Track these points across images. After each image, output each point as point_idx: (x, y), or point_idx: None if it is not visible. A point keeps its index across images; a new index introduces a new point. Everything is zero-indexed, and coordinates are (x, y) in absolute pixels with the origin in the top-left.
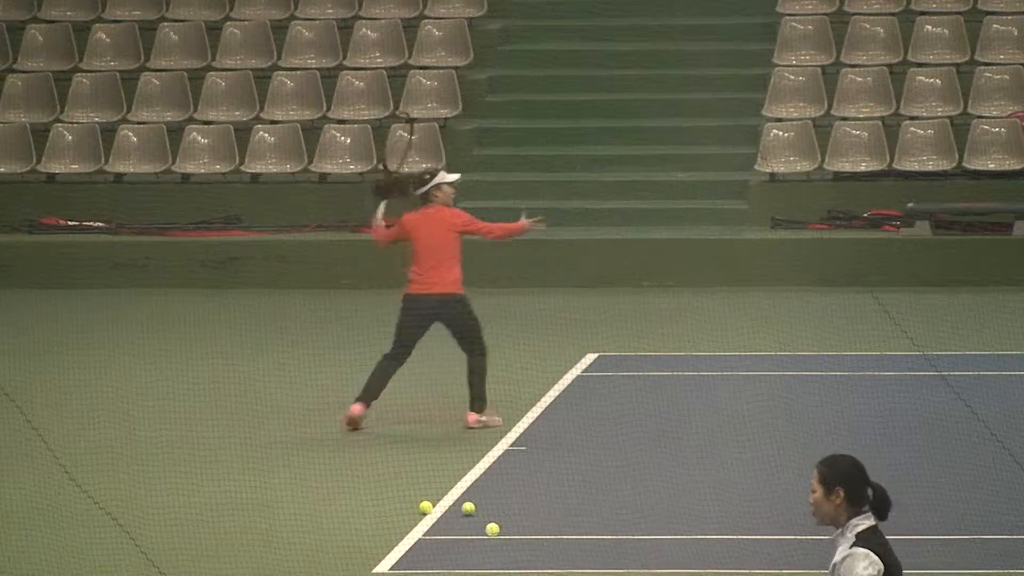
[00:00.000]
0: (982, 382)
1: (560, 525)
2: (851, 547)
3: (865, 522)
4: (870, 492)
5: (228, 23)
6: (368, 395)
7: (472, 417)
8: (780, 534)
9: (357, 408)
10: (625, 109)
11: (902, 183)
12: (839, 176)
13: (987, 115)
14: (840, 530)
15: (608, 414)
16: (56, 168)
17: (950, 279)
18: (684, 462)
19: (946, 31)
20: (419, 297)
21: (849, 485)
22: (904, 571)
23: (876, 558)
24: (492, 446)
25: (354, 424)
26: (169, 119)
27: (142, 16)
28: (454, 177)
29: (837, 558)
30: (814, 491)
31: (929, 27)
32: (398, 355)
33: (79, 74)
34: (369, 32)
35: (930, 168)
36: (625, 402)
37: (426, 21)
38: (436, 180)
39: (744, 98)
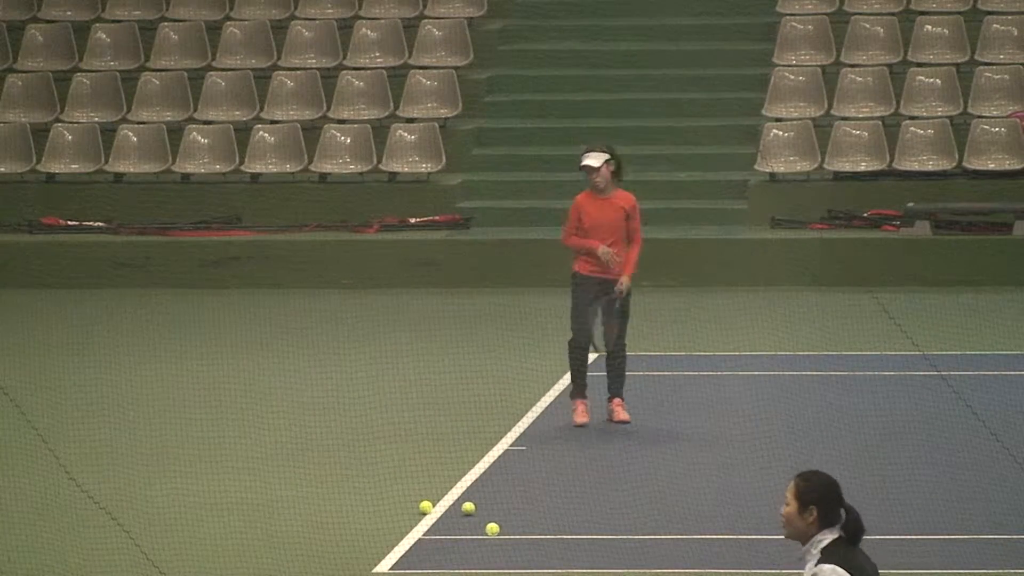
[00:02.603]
0: (982, 382)
1: (560, 525)
2: (817, 564)
3: (829, 536)
4: (843, 513)
5: (228, 23)
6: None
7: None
8: (779, 534)
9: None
10: (625, 109)
11: (902, 183)
12: (839, 176)
13: (987, 115)
14: (807, 546)
15: (608, 414)
16: (56, 168)
17: (950, 279)
18: (684, 462)
19: (946, 31)
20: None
21: (823, 506)
22: (904, 571)
23: (843, 572)
24: (492, 446)
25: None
26: (169, 119)
27: (142, 16)
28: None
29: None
30: (788, 504)
31: (929, 27)
32: None
33: (79, 74)
34: (369, 32)
35: (930, 168)
36: (625, 402)
37: (426, 21)
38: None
39: (744, 98)
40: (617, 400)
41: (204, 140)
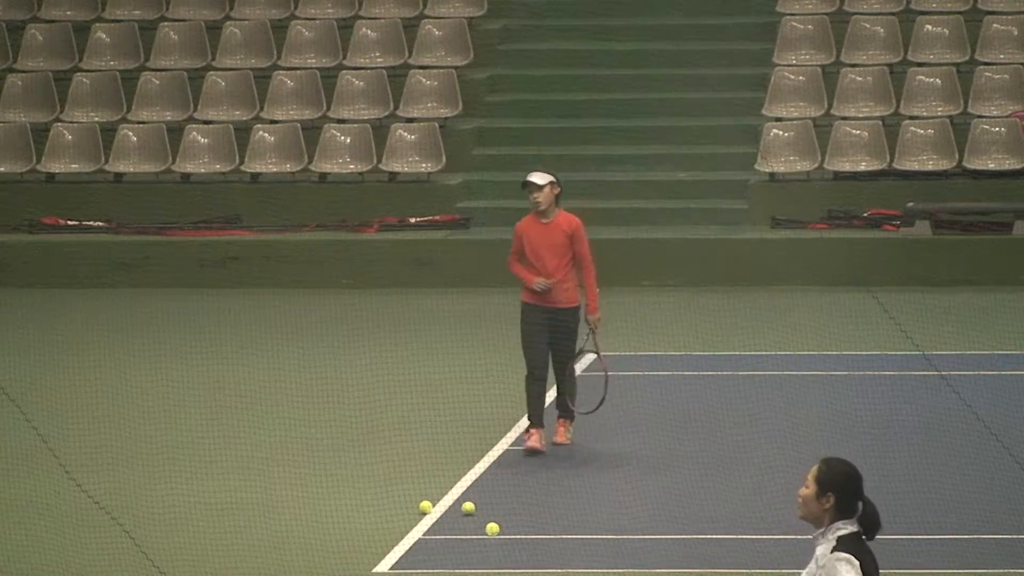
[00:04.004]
0: (982, 382)
1: (560, 525)
2: (832, 550)
3: (848, 527)
4: (860, 506)
5: (228, 23)
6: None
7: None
8: (780, 534)
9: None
10: (625, 109)
11: (902, 183)
12: (839, 176)
13: (987, 115)
14: (822, 530)
15: (608, 414)
16: (56, 168)
17: (950, 279)
18: (684, 462)
19: (946, 31)
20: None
21: (841, 494)
22: (904, 571)
23: (857, 564)
24: (492, 446)
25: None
26: (169, 119)
27: (142, 16)
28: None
29: (820, 559)
30: (807, 486)
31: (929, 27)
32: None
33: (79, 74)
34: (369, 32)
35: (930, 168)
36: (625, 402)
37: (426, 21)
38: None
39: (744, 98)
40: (561, 420)
41: (204, 140)
